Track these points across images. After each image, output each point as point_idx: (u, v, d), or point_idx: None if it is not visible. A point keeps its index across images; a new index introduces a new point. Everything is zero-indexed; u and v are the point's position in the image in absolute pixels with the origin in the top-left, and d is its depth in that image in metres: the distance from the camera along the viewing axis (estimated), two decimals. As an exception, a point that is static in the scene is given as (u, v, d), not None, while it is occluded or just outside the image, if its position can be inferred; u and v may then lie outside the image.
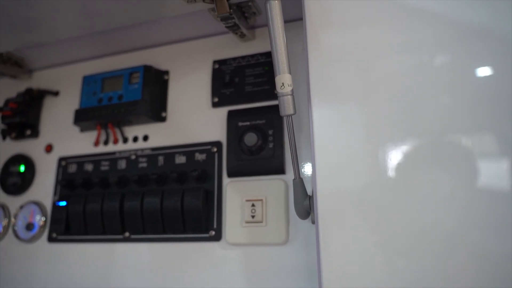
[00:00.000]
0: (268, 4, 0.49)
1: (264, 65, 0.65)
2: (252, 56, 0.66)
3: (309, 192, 0.52)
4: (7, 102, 0.80)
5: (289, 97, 0.49)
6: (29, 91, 0.80)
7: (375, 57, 0.48)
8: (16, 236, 0.76)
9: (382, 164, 0.45)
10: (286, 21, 0.63)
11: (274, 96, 0.62)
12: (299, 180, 0.51)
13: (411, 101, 0.46)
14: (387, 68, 0.47)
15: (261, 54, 0.66)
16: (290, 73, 0.50)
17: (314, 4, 0.52)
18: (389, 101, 0.46)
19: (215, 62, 0.68)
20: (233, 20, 0.59)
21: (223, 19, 0.59)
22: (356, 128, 0.47)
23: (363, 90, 0.48)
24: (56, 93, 0.81)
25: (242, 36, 0.65)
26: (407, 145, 0.45)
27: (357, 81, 0.48)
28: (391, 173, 0.45)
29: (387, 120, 0.46)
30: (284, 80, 0.49)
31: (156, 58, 0.73)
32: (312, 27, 0.52)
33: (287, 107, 0.49)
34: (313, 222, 0.49)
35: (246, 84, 0.65)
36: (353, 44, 0.49)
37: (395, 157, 0.45)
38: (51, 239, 0.72)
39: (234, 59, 0.67)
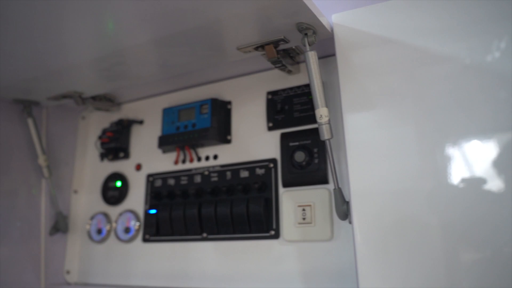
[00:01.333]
0: (306, 55, 0.64)
1: (308, 94, 0.79)
2: (298, 87, 0.81)
3: (346, 198, 0.65)
4: (104, 131, 1.00)
5: (327, 125, 0.64)
6: (120, 121, 1.00)
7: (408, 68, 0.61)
8: (117, 237, 0.95)
9: (404, 171, 0.58)
10: (322, 57, 0.77)
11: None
12: (338, 189, 0.65)
13: (437, 108, 0.58)
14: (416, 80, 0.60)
15: (305, 85, 0.80)
16: (326, 106, 0.64)
17: (342, 43, 0.66)
18: (413, 110, 0.59)
19: (268, 93, 0.83)
20: (281, 61, 0.74)
21: (273, 62, 0.74)
22: (381, 145, 0.60)
23: (389, 109, 0.61)
24: (141, 122, 0.99)
25: (289, 72, 0.80)
26: (433, 151, 0.58)
27: (386, 102, 0.62)
28: (412, 178, 0.58)
29: (410, 130, 0.59)
30: (322, 113, 0.64)
31: (220, 90, 0.90)
32: (343, 59, 0.66)
33: (326, 133, 0.64)
34: (350, 222, 0.63)
35: (294, 111, 0.80)
36: (379, 65, 0.62)
37: (419, 163, 0.58)
38: (145, 240, 0.91)
39: (284, 90, 0.82)
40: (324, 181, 0.74)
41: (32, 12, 0.58)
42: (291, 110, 0.80)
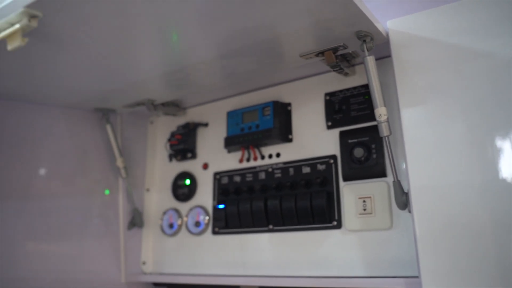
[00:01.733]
0: (365, 60, 0.70)
1: (364, 94, 0.85)
2: (354, 88, 0.87)
3: (405, 189, 0.71)
4: (173, 134, 1.10)
5: (386, 123, 0.70)
6: (187, 125, 1.09)
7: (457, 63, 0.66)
8: (188, 231, 1.04)
9: (459, 164, 0.64)
10: (377, 59, 0.83)
11: (373, 117, 0.80)
12: (397, 182, 0.71)
13: (488, 102, 0.63)
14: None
15: (361, 86, 0.86)
16: (385, 105, 0.70)
17: (397, 46, 0.72)
18: (465, 106, 0.64)
19: (326, 94, 0.90)
20: (339, 65, 0.81)
21: (331, 66, 0.81)
22: (437, 139, 0.66)
23: (443, 105, 0.66)
24: (206, 125, 1.08)
25: (346, 74, 0.86)
26: (485, 144, 0.63)
27: (439, 99, 0.67)
28: (466, 171, 0.63)
29: (463, 124, 0.64)
30: (381, 112, 0.70)
31: (280, 93, 0.97)
32: (398, 58, 0.71)
33: (384, 130, 0.70)
34: (409, 212, 0.69)
35: (351, 110, 0.86)
36: (432, 65, 0.68)
37: (473, 156, 0.63)
38: (214, 232, 1.00)
39: (341, 91, 0.88)
40: (383, 174, 0.80)
41: (111, 37, 0.67)
42: (348, 109, 0.86)
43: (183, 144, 1.07)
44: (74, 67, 0.78)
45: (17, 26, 0.51)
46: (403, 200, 0.71)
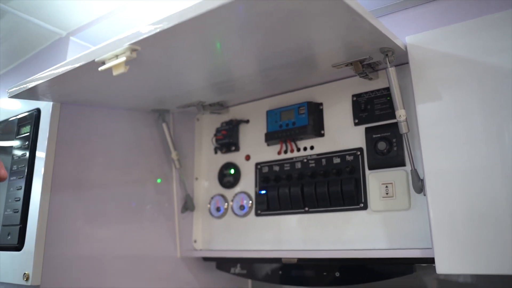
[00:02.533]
0: (387, 71, 0.85)
1: (386, 96, 1.00)
2: (378, 90, 1.02)
3: (421, 176, 0.86)
4: (218, 129, 1.27)
5: (405, 122, 0.85)
6: (231, 121, 1.25)
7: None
8: (234, 213, 1.21)
9: (467, 153, 0.79)
10: (399, 65, 0.98)
11: (394, 116, 0.95)
12: (414, 170, 0.87)
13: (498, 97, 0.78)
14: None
15: (384, 89, 1.01)
16: (404, 108, 0.86)
17: (415, 57, 0.86)
18: (476, 101, 0.79)
19: (353, 95, 1.05)
20: (365, 72, 0.96)
21: (358, 73, 0.96)
22: (448, 135, 0.81)
23: (454, 103, 0.81)
24: (247, 121, 1.25)
25: (370, 79, 1.01)
26: (492, 134, 0.78)
27: (450, 99, 0.82)
28: (474, 159, 0.78)
29: (474, 119, 0.79)
30: (400, 113, 0.85)
31: (313, 94, 1.12)
32: (414, 66, 0.86)
33: (404, 128, 0.85)
34: (424, 195, 0.84)
35: (375, 109, 1.01)
36: (445, 74, 0.83)
37: (481, 144, 0.78)
38: (257, 214, 1.16)
39: (366, 93, 1.03)
40: (402, 164, 0.95)
41: (173, 59, 0.82)
42: (372, 109, 1.01)
43: (228, 139, 1.24)
44: (142, 81, 0.94)
45: (123, 58, 0.67)
46: (419, 185, 0.87)
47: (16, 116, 1.09)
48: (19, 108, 1.09)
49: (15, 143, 1.05)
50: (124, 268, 1.12)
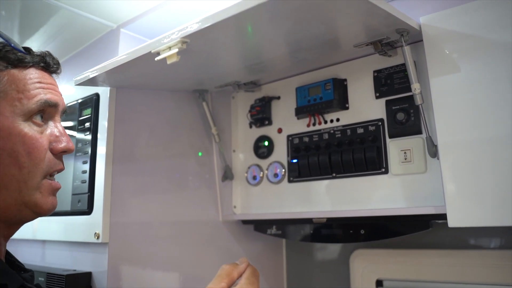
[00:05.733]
0: (403, 50, 0.96)
1: (403, 71, 1.10)
2: (396, 66, 1.12)
3: (435, 143, 0.98)
4: (252, 106, 1.40)
5: (419, 95, 0.96)
6: (263, 98, 1.38)
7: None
8: (269, 180, 1.35)
9: (476, 120, 0.89)
10: (413, 42, 1.08)
11: (411, 89, 1.06)
12: (429, 137, 0.98)
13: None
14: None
15: (402, 64, 1.11)
16: (418, 81, 0.97)
17: (428, 36, 0.97)
18: (482, 73, 0.90)
19: (374, 71, 1.16)
20: (384, 50, 1.06)
21: (378, 51, 1.06)
22: (460, 106, 0.91)
23: (464, 74, 0.91)
24: (278, 98, 1.37)
25: (389, 56, 1.11)
26: (501, 101, 0.88)
27: (462, 70, 0.92)
28: (482, 125, 0.89)
29: (482, 90, 0.90)
30: (415, 87, 0.96)
31: (337, 71, 1.23)
32: (428, 43, 0.97)
33: (418, 100, 0.97)
34: (438, 159, 0.95)
35: (394, 83, 1.12)
36: (457, 51, 0.93)
37: (488, 112, 0.89)
38: (289, 181, 1.30)
39: (386, 68, 1.14)
40: (419, 132, 1.06)
41: (210, 46, 0.96)
42: (392, 83, 1.12)
43: (261, 114, 1.37)
44: (186, 66, 1.07)
45: (175, 49, 0.81)
46: (433, 150, 0.98)
47: (77, 100, 1.24)
48: (79, 93, 1.25)
49: (78, 123, 1.21)
50: (172, 233, 1.25)
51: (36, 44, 1.46)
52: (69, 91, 1.30)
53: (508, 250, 1.14)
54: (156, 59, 0.85)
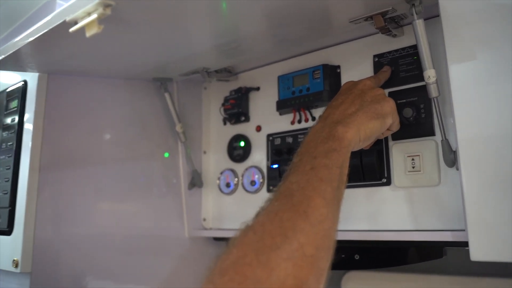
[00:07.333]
0: (414, 24, 0.72)
1: (412, 55, 0.87)
2: (403, 49, 0.88)
3: (453, 148, 0.74)
4: (226, 99, 1.16)
5: (434, 85, 0.73)
6: (239, 89, 1.14)
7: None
8: (244, 189, 1.12)
9: (507, 121, 0.66)
10: (427, 19, 0.84)
11: (422, 78, 0.82)
12: (445, 141, 0.75)
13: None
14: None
15: (410, 47, 0.88)
16: (434, 67, 0.73)
17: (447, 6, 0.73)
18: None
19: (375, 56, 0.92)
20: (388, 28, 0.83)
21: (380, 29, 0.83)
22: (485, 98, 0.68)
23: (491, 62, 0.68)
24: (257, 89, 1.13)
25: (394, 36, 0.87)
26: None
27: (487, 56, 0.69)
28: None
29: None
30: (430, 74, 0.73)
31: (329, 56, 1.00)
32: (447, 19, 0.73)
33: (433, 92, 0.73)
34: (457, 169, 0.72)
35: (400, 71, 0.88)
36: (482, 25, 0.69)
37: None
38: (269, 190, 1.07)
39: (389, 52, 0.90)
40: (431, 133, 0.83)
41: (168, 15, 0.72)
42: (397, 70, 0.89)
43: (237, 108, 1.13)
44: (136, 44, 0.84)
45: (94, 16, 0.57)
46: (451, 157, 0.75)
47: (5, 89, 1.00)
48: (7, 80, 1.01)
49: (3, 118, 0.97)
50: (128, 249, 1.06)
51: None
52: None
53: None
54: (70, 30, 0.61)
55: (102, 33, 0.66)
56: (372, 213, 0.89)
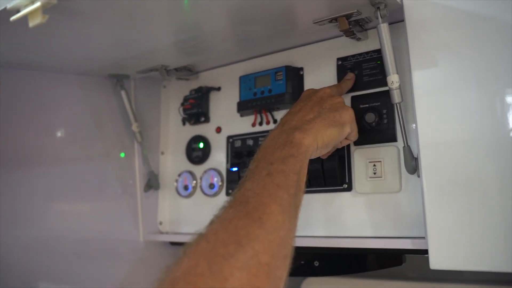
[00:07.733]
0: (378, 28, 0.71)
1: (376, 59, 0.85)
2: (367, 53, 0.87)
3: (415, 155, 0.73)
4: (186, 98, 1.12)
5: (398, 90, 0.72)
6: (200, 89, 1.10)
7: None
8: (203, 192, 1.08)
9: (469, 127, 0.66)
10: (392, 23, 0.83)
11: (385, 83, 0.81)
12: (407, 147, 0.74)
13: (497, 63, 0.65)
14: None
15: (374, 51, 0.86)
16: (397, 73, 0.72)
17: (411, 12, 0.72)
18: (475, 67, 0.66)
19: (338, 59, 0.90)
20: (352, 31, 0.81)
21: (344, 32, 0.81)
22: (448, 105, 0.67)
23: (453, 68, 0.68)
24: (218, 89, 1.10)
25: (358, 39, 0.86)
26: (495, 104, 0.64)
27: (450, 62, 0.68)
28: (475, 133, 0.65)
29: (474, 85, 0.66)
30: (393, 79, 0.71)
31: (292, 58, 0.97)
32: (411, 24, 0.72)
33: (396, 97, 0.72)
34: (418, 176, 0.71)
35: (363, 75, 0.87)
36: (445, 32, 0.69)
37: (482, 118, 0.65)
38: (228, 194, 1.03)
39: (353, 56, 0.89)
40: (393, 139, 0.82)
41: (124, 7, 0.68)
42: (360, 74, 0.87)
43: (196, 108, 1.09)
44: (89, 37, 0.79)
45: (37, 4, 0.52)
46: (412, 164, 0.74)
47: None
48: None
49: None
50: (80, 253, 1.01)
51: None
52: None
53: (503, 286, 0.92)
54: (11, 19, 0.56)
55: (50, 24, 0.60)
56: (332, 219, 0.88)
